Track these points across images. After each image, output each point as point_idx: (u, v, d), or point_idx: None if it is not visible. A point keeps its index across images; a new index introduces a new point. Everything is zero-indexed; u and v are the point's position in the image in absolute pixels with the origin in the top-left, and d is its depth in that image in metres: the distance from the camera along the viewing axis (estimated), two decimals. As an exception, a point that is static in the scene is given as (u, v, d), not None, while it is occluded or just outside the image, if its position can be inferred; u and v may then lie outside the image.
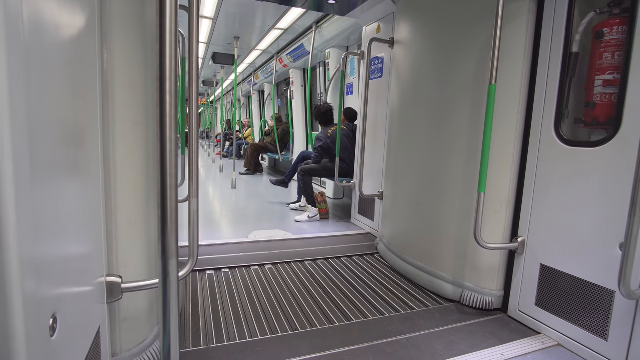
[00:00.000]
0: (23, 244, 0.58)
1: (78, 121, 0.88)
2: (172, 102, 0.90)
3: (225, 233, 3.39)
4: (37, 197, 0.64)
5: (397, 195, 2.69)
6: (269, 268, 2.49)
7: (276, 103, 8.93)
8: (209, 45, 6.16)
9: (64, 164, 0.79)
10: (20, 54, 0.57)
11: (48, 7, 0.69)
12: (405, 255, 2.47)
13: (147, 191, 1.33)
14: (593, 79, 1.59)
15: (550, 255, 1.71)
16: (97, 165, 1.06)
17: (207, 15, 4.62)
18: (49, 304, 0.70)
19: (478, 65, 1.94)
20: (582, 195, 1.56)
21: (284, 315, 1.88)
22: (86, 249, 0.97)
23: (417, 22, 2.50)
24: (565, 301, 1.65)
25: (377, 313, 1.94)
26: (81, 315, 0.91)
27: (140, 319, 1.35)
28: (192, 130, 1.28)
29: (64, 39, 0.78)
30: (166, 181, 0.92)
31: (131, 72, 1.22)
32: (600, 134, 1.62)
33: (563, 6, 1.63)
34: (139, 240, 1.33)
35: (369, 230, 3.46)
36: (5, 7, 0.52)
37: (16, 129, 0.55)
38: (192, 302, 1.97)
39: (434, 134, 2.26)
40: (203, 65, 8.31)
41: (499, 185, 1.88)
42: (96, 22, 1.03)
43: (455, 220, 2.10)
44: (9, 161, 0.54)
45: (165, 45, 0.87)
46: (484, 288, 1.98)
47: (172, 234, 0.93)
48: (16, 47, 0.55)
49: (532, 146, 1.79)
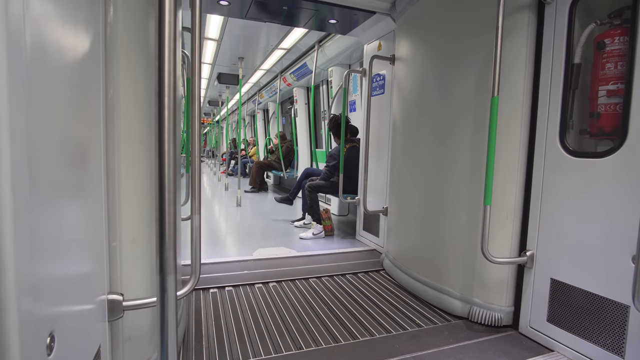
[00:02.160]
0: (20, 262, 0.57)
1: (81, 141, 0.89)
2: (171, 117, 0.91)
3: (230, 251, 3.37)
4: (35, 216, 0.63)
5: (402, 210, 2.67)
6: (273, 286, 2.46)
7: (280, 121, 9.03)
8: (214, 65, 6.28)
9: (65, 183, 0.79)
10: (21, 74, 0.57)
11: (51, 28, 0.70)
12: (411, 271, 2.43)
13: (150, 209, 1.33)
14: (596, 90, 1.58)
15: (561, 269, 1.67)
16: (100, 183, 1.07)
17: (212, 37, 4.72)
18: (47, 322, 0.69)
19: (479, 78, 1.95)
20: (590, 207, 1.54)
21: (288, 334, 1.84)
22: (87, 267, 0.96)
23: (417, 39, 2.53)
24: (578, 317, 1.60)
25: (384, 331, 1.89)
26: (80, 334, 0.90)
27: (143, 338, 1.33)
28: (194, 147, 1.29)
29: (68, 59, 0.79)
30: (164, 196, 0.91)
31: (135, 91, 1.24)
32: (606, 144, 1.60)
33: (563, 18, 1.64)
34: (143, 258, 1.32)
35: (374, 246, 3.43)
36: (7, 28, 0.53)
37: (15, 150, 0.55)
38: (195, 321, 1.94)
39: (437, 147, 2.26)
40: (208, 86, 8.45)
41: (505, 198, 1.86)
42: (100, 42, 1.05)
43: (461, 234, 2.07)
44: (7, 181, 0.54)
45: (163, 62, 0.88)
46: (493, 304, 1.93)
47: (170, 250, 0.93)
48: (17, 68, 0.56)
49: (537, 158, 1.77)
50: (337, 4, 2.84)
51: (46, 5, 0.68)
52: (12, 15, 0.54)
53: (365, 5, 2.90)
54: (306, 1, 2.82)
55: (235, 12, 3.20)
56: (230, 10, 3.15)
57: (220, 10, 3.21)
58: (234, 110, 12.37)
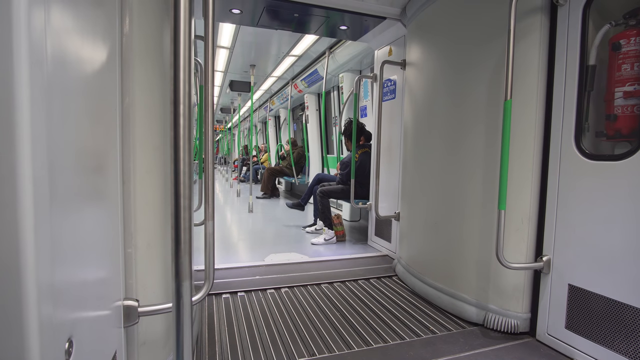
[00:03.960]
0: (40, 268, 0.58)
1: (98, 148, 0.91)
2: (186, 124, 0.92)
3: (242, 256, 3.39)
4: (55, 223, 0.65)
5: (414, 215, 2.65)
6: (285, 291, 2.46)
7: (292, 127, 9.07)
8: (226, 73, 6.35)
9: (83, 190, 0.80)
10: (42, 86, 0.59)
11: (71, 40, 0.72)
12: (425, 277, 2.40)
13: (164, 214, 1.35)
14: (613, 91, 1.56)
15: (579, 274, 1.63)
16: (116, 190, 1.08)
17: (225, 45, 4.79)
18: (65, 328, 0.70)
19: (492, 82, 1.93)
20: (608, 210, 1.50)
21: (300, 340, 1.83)
22: (104, 272, 0.97)
23: (428, 43, 2.52)
24: (598, 323, 1.55)
25: (397, 337, 1.87)
26: (98, 339, 0.91)
27: (157, 343, 1.34)
28: (207, 154, 1.31)
29: (86, 70, 0.82)
30: (179, 202, 0.92)
31: (150, 99, 1.26)
32: (624, 146, 1.57)
33: (576, 20, 1.62)
34: (157, 263, 1.34)
35: (387, 252, 3.40)
36: (30, 41, 0.55)
37: (36, 159, 0.57)
38: (208, 326, 1.95)
39: (449, 151, 2.24)
40: (221, 93, 8.55)
41: (520, 202, 1.83)
42: (117, 53, 1.08)
43: (475, 239, 2.04)
44: (29, 188, 0.55)
45: (178, 71, 0.90)
46: (509, 310, 1.90)
47: (185, 256, 0.93)
48: (39, 80, 0.58)
49: (552, 161, 1.74)
50: (348, 10, 2.86)
51: (66, 19, 0.70)
52: (34, 29, 0.56)
53: (375, 11, 2.91)
54: (317, 8, 2.84)
55: (247, 20, 3.24)
56: (243, 18, 3.20)
57: (232, 19, 3.25)
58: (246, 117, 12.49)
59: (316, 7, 2.81)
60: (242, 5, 2.90)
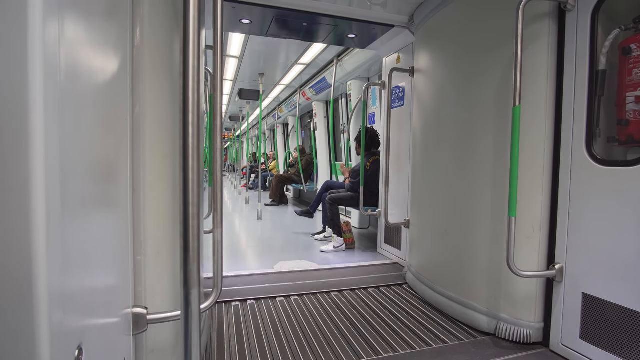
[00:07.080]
0: (52, 275, 0.59)
1: (108, 156, 0.92)
2: (195, 132, 0.93)
3: (251, 264, 3.39)
4: (67, 230, 0.66)
5: (424, 223, 2.63)
6: (295, 299, 2.45)
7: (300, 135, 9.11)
8: (235, 82, 6.43)
9: (94, 197, 0.82)
10: (55, 95, 0.61)
11: (84, 51, 0.74)
12: (435, 285, 2.37)
13: (174, 222, 1.36)
14: (624, 96, 1.54)
15: (593, 282, 1.60)
16: (126, 197, 1.10)
17: (234, 54, 4.85)
18: (75, 335, 0.70)
19: (501, 89, 1.92)
20: (622, 217, 1.47)
21: (310, 349, 1.82)
22: (113, 280, 0.98)
23: (437, 50, 2.52)
24: (614, 334, 1.51)
25: (407, 347, 1.84)
26: (107, 347, 0.92)
27: (166, 351, 1.34)
28: (215, 162, 1.32)
29: (98, 81, 0.83)
30: (188, 210, 0.93)
31: (160, 108, 1.28)
32: (636, 152, 1.54)
33: (585, 25, 1.61)
34: (166, 271, 1.34)
35: (396, 259, 3.37)
36: (44, 52, 0.57)
37: (49, 166, 0.58)
38: (217, 334, 1.95)
39: (458, 158, 2.22)
40: (230, 101, 8.64)
41: (531, 209, 1.80)
42: (128, 63, 1.10)
43: (486, 247, 2.01)
44: (41, 196, 0.56)
45: (188, 80, 0.91)
46: (521, 319, 1.86)
47: (194, 263, 0.94)
48: (52, 90, 0.59)
49: (563, 167, 1.72)
50: (356, 19, 2.88)
51: (79, 31, 0.72)
52: (49, 40, 0.58)
53: (383, 19, 2.92)
54: (325, 17, 2.87)
55: (256, 30, 3.28)
56: (252, 28, 3.24)
57: (242, 29, 3.30)
58: (254, 124, 12.58)
59: (325, 16, 2.84)
60: (251, 16, 2.94)
